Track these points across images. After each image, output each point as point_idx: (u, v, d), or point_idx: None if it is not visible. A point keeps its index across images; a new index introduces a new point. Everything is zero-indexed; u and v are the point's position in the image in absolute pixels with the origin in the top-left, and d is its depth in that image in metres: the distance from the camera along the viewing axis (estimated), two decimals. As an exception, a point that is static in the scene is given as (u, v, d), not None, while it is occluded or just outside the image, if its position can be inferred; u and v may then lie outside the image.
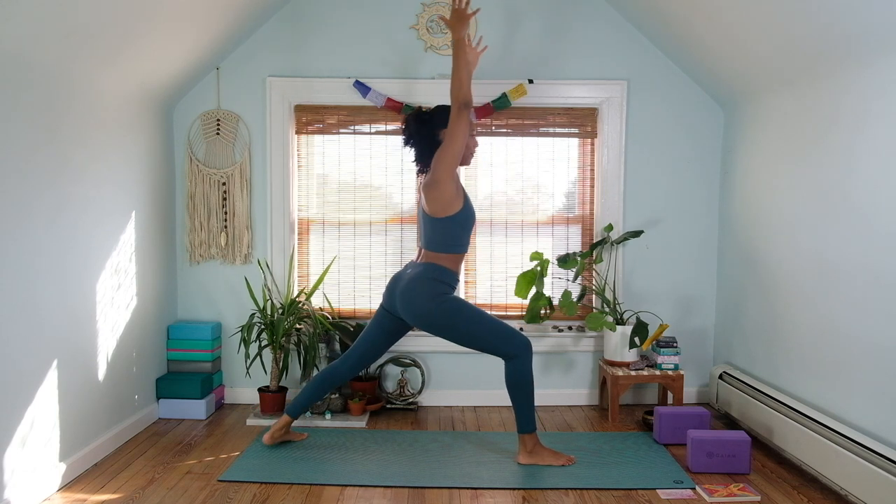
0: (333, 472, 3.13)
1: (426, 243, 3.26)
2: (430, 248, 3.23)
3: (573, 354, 4.23)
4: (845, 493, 2.78)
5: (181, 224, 4.13)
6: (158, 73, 3.61)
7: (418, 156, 3.29)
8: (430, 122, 3.24)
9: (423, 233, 3.29)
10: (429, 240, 3.24)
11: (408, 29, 4.08)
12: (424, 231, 3.28)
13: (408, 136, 3.29)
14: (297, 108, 4.11)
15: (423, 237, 3.29)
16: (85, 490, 2.94)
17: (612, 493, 2.94)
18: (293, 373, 4.16)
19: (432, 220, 3.19)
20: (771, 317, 3.55)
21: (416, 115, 3.29)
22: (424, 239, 3.28)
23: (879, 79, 2.71)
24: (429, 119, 3.25)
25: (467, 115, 3.11)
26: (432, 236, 3.21)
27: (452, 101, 3.12)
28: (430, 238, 3.23)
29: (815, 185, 3.17)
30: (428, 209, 3.18)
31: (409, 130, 3.28)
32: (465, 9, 3.20)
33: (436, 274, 3.17)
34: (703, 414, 3.47)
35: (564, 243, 4.25)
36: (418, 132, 3.24)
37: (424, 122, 3.25)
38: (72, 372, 3.04)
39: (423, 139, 3.24)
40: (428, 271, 3.18)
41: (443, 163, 3.09)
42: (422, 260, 3.26)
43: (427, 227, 3.25)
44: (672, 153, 4.17)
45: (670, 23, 3.76)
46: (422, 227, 3.31)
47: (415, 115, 3.29)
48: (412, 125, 3.26)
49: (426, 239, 3.26)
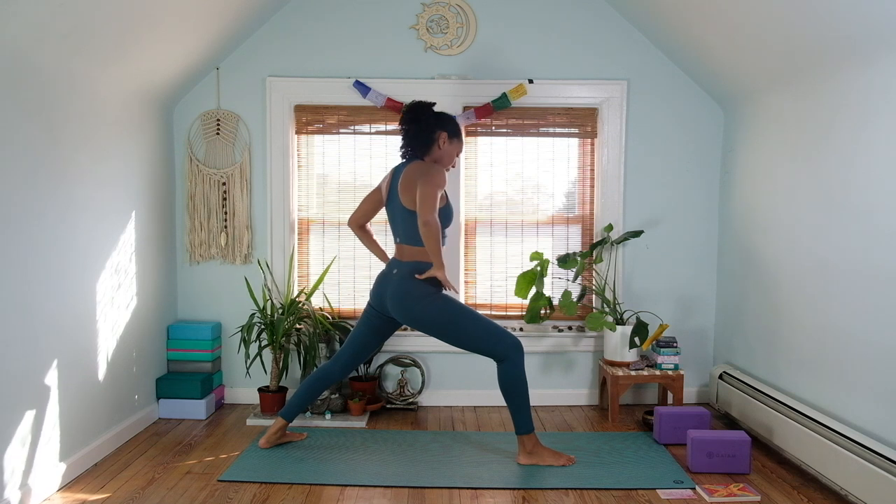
0: (333, 472, 3.13)
1: (407, 238, 3.23)
2: (411, 244, 3.21)
3: (573, 354, 4.23)
4: (845, 493, 2.78)
5: (181, 224, 4.13)
6: (158, 73, 3.61)
7: (408, 143, 3.30)
8: (436, 119, 3.26)
9: (402, 227, 3.24)
10: (410, 235, 3.20)
11: (408, 29, 4.08)
12: (403, 225, 3.23)
13: (408, 120, 3.28)
14: (297, 108, 4.11)
15: (402, 232, 3.25)
16: (85, 490, 2.94)
17: (612, 493, 2.94)
18: (293, 373, 4.16)
19: (413, 213, 3.15)
20: (771, 317, 3.55)
21: (423, 106, 3.28)
22: (403, 234, 3.25)
23: (880, 78, 2.71)
24: (437, 116, 3.27)
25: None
26: (414, 231, 3.17)
27: (420, 214, 3.07)
28: (412, 233, 3.19)
29: (815, 184, 3.17)
30: (410, 204, 3.16)
31: (411, 115, 3.27)
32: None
33: (422, 270, 3.16)
34: (703, 414, 3.47)
35: (564, 243, 4.25)
36: (419, 122, 3.25)
37: (429, 117, 3.26)
38: (72, 372, 3.04)
39: (421, 132, 3.25)
40: (415, 270, 3.17)
41: (426, 206, 3.05)
42: (406, 258, 3.23)
43: (406, 221, 3.21)
44: (672, 153, 4.17)
45: (670, 23, 3.76)
46: (399, 221, 3.25)
47: (422, 105, 3.29)
48: (417, 112, 3.26)
49: (405, 234, 3.23)
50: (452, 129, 3.31)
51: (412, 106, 3.31)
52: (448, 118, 3.32)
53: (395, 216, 3.29)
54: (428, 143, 3.26)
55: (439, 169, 3.18)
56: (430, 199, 3.06)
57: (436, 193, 3.08)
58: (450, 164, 3.35)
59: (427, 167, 3.17)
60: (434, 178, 3.11)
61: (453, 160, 3.36)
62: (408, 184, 3.16)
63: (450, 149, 3.30)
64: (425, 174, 3.12)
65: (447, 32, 4.06)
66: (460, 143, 3.36)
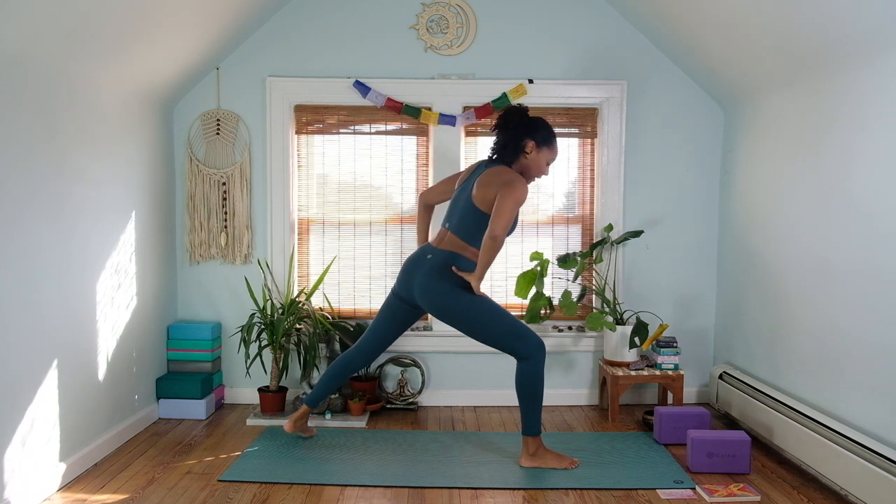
0: (333, 472, 3.13)
1: (457, 229, 3.19)
2: (459, 236, 3.18)
3: (573, 354, 4.23)
4: (845, 493, 2.78)
5: (181, 224, 4.13)
6: (158, 73, 3.61)
7: (497, 147, 3.27)
8: (525, 127, 3.22)
9: (458, 218, 3.20)
10: (463, 228, 3.17)
11: (408, 29, 4.08)
12: (461, 217, 3.19)
13: (501, 125, 3.26)
14: (297, 108, 4.11)
15: (456, 222, 3.21)
16: (85, 490, 2.94)
17: (612, 493, 2.94)
18: (293, 373, 4.16)
19: (478, 210, 3.13)
20: (771, 317, 3.55)
21: (519, 112, 3.26)
22: (456, 224, 3.21)
23: (880, 78, 2.71)
24: (527, 123, 3.23)
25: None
26: (470, 226, 3.15)
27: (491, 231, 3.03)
28: (466, 227, 3.16)
29: (815, 184, 3.17)
30: (480, 203, 3.12)
31: (504, 120, 3.25)
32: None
33: (458, 264, 3.14)
34: (703, 414, 3.47)
35: (564, 243, 4.25)
36: (507, 129, 3.23)
37: (522, 122, 3.23)
38: (72, 372, 3.04)
39: (512, 137, 3.22)
40: (450, 261, 3.15)
41: (500, 221, 3.01)
42: (444, 246, 3.20)
43: (466, 215, 3.17)
44: (672, 153, 4.17)
45: (670, 23, 3.76)
46: (458, 211, 3.22)
47: (518, 112, 3.26)
48: (511, 118, 3.24)
49: (458, 225, 3.19)
50: (543, 136, 3.24)
51: (503, 111, 3.29)
52: (539, 125, 3.25)
53: (456, 204, 3.26)
54: (515, 150, 3.22)
55: (523, 183, 3.12)
56: (507, 215, 3.02)
57: (514, 210, 3.05)
58: (540, 173, 3.30)
59: (512, 178, 3.11)
60: (516, 194, 3.05)
61: (543, 168, 3.29)
62: (486, 183, 3.12)
63: (538, 157, 3.24)
64: (508, 186, 3.06)
65: (447, 32, 4.06)
66: (551, 150, 3.28)
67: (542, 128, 3.26)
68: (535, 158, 3.24)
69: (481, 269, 3.06)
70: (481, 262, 3.05)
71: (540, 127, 3.26)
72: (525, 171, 3.26)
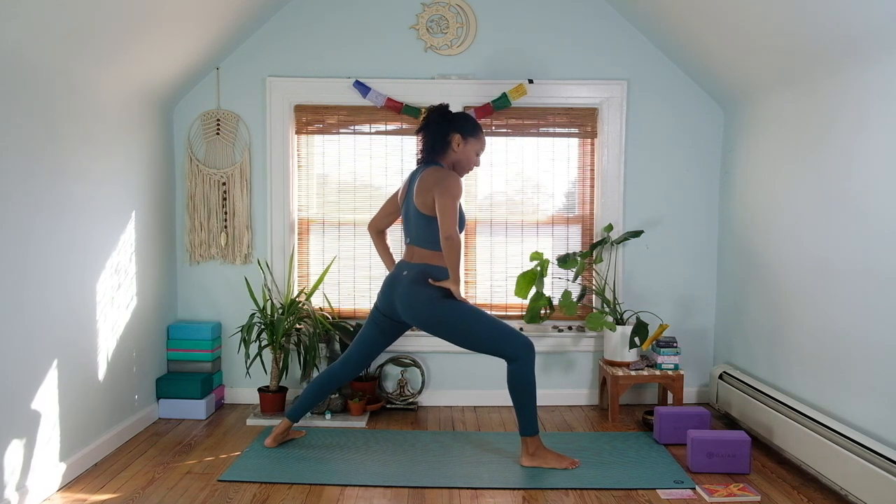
0: (333, 472, 3.13)
1: (419, 241, 3.23)
2: (423, 246, 3.22)
3: (573, 354, 4.23)
4: (845, 493, 2.78)
5: (181, 224, 4.13)
6: (158, 73, 3.61)
7: (425, 148, 3.30)
8: (448, 123, 3.26)
9: (414, 230, 3.25)
10: (422, 238, 3.21)
11: (408, 29, 4.08)
12: (416, 228, 3.24)
13: (423, 126, 3.30)
14: (297, 108, 4.11)
15: (414, 235, 3.26)
16: (85, 490, 2.94)
17: (612, 493, 2.94)
18: (293, 373, 4.16)
19: (427, 217, 3.17)
20: (771, 317, 3.55)
21: (439, 110, 3.29)
22: (415, 236, 3.25)
23: (880, 78, 2.71)
24: (449, 119, 3.26)
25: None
26: (429, 234, 3.19)
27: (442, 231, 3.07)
28: (425, 236, 3.20)
29: (815, 184, 3.17)
30: (426, 209, 3.16)
31: (426, 120, 3.30)
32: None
33: (434, 274, 3.17)
34: (703, 414, 3.48)
35: (564, 243, 4.25)
36: (435, 125, 3.26)
37: (444, 119, 3.26)
38: (72, 372, 3.04)
39: (436, 135, 3.25)
40: (426, 272, 3.18)
41: (447, 220, 3.05)
42: (416, 260, 3.24)
43: (420, 225, 3.21)
44: (672, 153, 4.17)
45: (670, 23, 3.76)
46: (412, 224, 3.26)
47: (438, 110, 3.29)
48: (432, 117, 3.28)
49: (418, 237, 3.24)
50: (468, 129, 3.27)
51: (427, 112, 3.32)
52: (461, 118, 3.29)
53: (408, 218, 3.29)
54: (443, 147, 3.25)
55: (455, 178, 3.16)
56: (451, 212, 3.05)
57: (455, 205, 3.07)
58: (471, 166, 3.33)
59: (443, 176, 3.14)
60: (451, 189, 3.09)
61: (474, 160, 3.32)
62: (423, 189, 3.15)
63: (466, 149, 3.27)
64: (440, 184, 3.10)
65: (447, 32, 4.06)
66: (479, 141, 3.31)
67: (466, 120, 3.29)
68: (463, 151, 3.27)
69: (454, 272, 3.09)
70: (449, 265, 3.08)
71: (463, 120, 3.29)
72: (457, 166, 3.29)
